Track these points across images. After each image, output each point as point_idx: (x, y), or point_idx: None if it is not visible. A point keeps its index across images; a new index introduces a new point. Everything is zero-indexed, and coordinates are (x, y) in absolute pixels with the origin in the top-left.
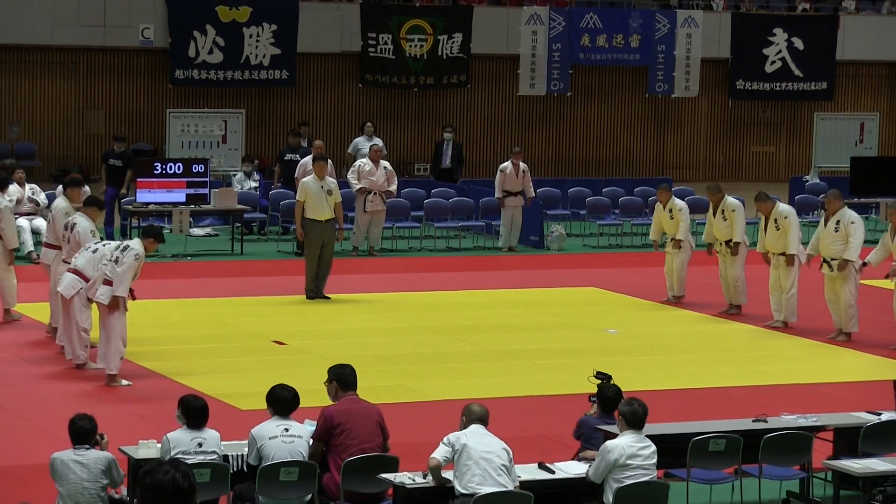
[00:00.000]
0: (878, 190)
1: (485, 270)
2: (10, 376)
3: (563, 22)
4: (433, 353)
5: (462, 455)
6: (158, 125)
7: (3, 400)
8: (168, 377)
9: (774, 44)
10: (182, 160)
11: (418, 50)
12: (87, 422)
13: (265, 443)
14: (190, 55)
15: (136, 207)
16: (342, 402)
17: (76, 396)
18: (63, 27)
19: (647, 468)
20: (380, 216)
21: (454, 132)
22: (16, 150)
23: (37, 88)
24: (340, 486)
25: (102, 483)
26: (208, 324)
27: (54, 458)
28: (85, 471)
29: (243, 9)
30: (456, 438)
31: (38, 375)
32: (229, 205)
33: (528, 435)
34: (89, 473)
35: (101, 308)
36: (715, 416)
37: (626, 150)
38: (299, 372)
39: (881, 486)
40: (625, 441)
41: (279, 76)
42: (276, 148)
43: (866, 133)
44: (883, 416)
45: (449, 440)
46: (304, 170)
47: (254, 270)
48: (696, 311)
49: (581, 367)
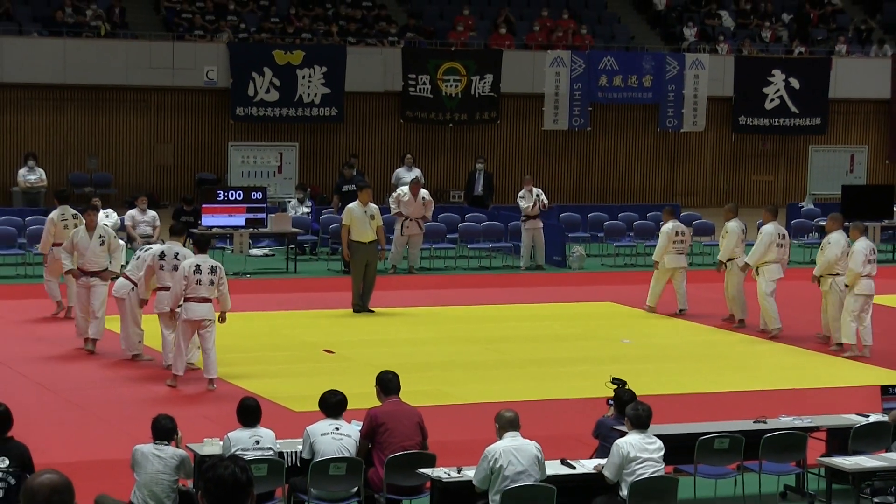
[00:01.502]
0: (867, 215)
1: (513, 287)
2: (90, 380)
3: (584, 64)
4: (467, 361)
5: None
6: (221, 157)
7: (83, 401)
8: (230, 382)
9: (773, 83)
10: (242, 188)
11: (453, 89)
12: (168, 421)
13: (317, 438)
14: (249, 94)
15: (201, 230)
16: (386, 404)
17: (149, 400)
18: (136, 70)
19: (656, 461)
20: (417, 238)
21: (485, 163)
22: (94, 180)
23: (113, 124)
24: (384, 480)
25: (175, 476)
26: (266, 334)
27: (136, 450)
28: (162, 463)
29: (297, 53)
30: (493, 459)
31: (114, 379)
32: (284, 228)
33: (552, 434)
34: (165, 466)
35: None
36: (719, 417)
37: (640, 179)
38: (346, 378)
39: (869, 481)
40: (633, 438)
41: (329, 113)
42: (326, 177)
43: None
44: (871, 417)
45: (486, 460)
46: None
47: (306, 287)
48: (701, 322)
49: (598, 373)
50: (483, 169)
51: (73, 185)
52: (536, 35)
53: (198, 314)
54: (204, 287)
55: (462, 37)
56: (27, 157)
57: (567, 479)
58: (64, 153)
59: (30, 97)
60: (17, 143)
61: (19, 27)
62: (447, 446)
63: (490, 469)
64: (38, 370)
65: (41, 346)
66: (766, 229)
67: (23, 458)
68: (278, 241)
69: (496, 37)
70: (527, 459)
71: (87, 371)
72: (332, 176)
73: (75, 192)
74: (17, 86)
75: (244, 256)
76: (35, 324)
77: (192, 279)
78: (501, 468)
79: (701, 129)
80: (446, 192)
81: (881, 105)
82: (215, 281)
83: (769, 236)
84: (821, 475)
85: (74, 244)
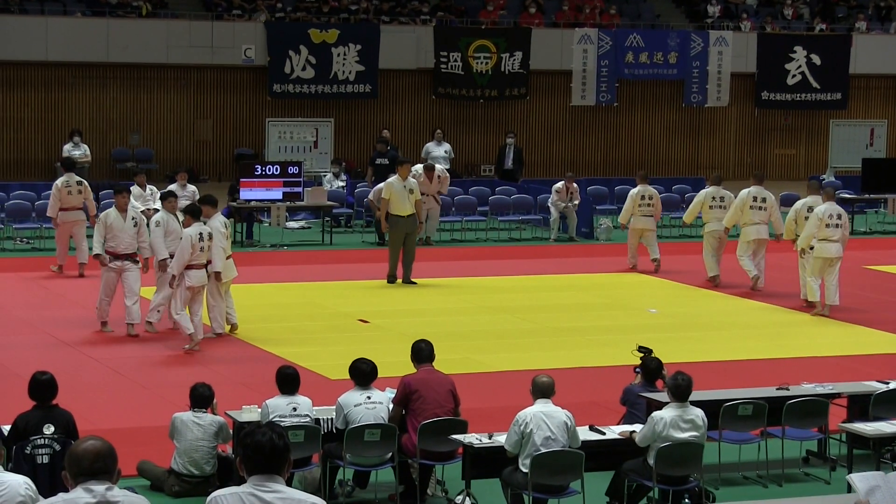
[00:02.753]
0: (886, 187)
1: (542, 258)
2: (128, 348)
3: (610, 41)
4: (498, 330)
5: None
6: (259, 132)
7: (125, 370)
8: (268, 350)
9: (795, 60)
10: (279, 163)
11: (484, 66)
12: (206, 389)
13: (350, 410)
14: (286, 71)
15: (239, 204)
16: (419, 372)
17: (188, 369)
18: (177, 48)
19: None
20: (434, 211)
21: (515, 138)
22: (136, 155)
23: (154, 101)
24: (417, 446)
25: (214, 442)
26: (302, 305)
27: (175, 418)
28: (200, 430)
29: (332, 31)
30: (524, 423)
31: (153, 349)
32: (320, 201)
33: (580, 401)
34: (204, 433)
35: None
36: (743, 384)
37: (665, 154)
38: (381, 347)
39: (889, 446)
40: (668, 413)
41: (363, 90)
42: (361, 152)
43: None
44: (891, 384)
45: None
46: (377, 194)
47: (341, 258)
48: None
49: (626, 342)
50: (513, 143)
51: (115, 160)
52: (565, 13)
53: (199, 280)
54: (204, 254)
55: (492, 15)
56: (72, 133)
57: (595, 444)
58: (107, 129)
59: (74, 75)
60: (62, 119)
61: (64, 8)
62: (479, 413)
63: (521, 434)
64: (80, 339)
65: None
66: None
67: (67, 425)
68: (314, 214)
69: (525, 15)
70: (556, 426)
71: (128, 339)
72: (367, 151)
73: (118, 167)
74: (62, 64)
75: (281, 229)
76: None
77: (197, 247)
78: (531, 433)
79: (725, 105)
80: (477, 167)
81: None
82: (205, 247)
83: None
84: (842, 441)
85: (108, 226)
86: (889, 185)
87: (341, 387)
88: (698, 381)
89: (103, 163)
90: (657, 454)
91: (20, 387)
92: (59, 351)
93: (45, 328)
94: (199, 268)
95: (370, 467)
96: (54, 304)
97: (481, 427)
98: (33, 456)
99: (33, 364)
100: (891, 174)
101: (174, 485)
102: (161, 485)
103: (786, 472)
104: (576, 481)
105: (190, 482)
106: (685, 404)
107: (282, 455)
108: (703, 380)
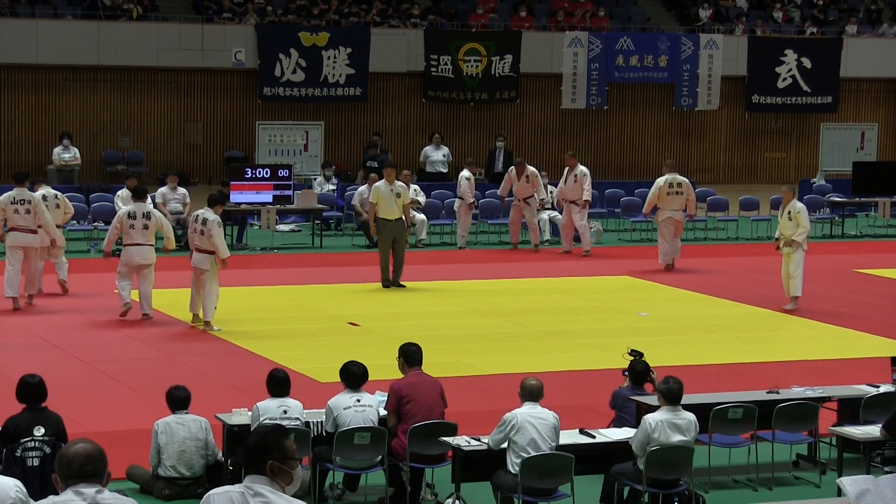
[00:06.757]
0: (877, 191)
1: (531, 262)
2: (120, 351)
3: (601, 45)
4: (487, 333)
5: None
6: (249, 135)
7: (114, 371)
8: (258, 353)
9: (785, 63)
10: (269, 166)
11: (474, 69)
12: (181, 391)
13: (340, 413)
14: (276, 74)
15: (229, 206)
16: (409, 376)
17: (178, 371)
18: (167, 51)
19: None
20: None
21: (505, 141)
22: (126, 157)
23: (144, 104)
24: (407, 449)
25: (202, 439)
26: (292, 308)
27: (158, 424)
28: (185, 430)
29: (322, 34)
30: (511, 426)
31: (145, 350)
32: (310, 204)
33: (570, 404)
34: (189, 431)
35: (198, 270)
36: (733, 388)
37: (656, 156)
38: (371, 350)
39: (879, 450)
40: (661, 416)
41: (353, 93)
42: (351, 155)
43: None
44: (881, 388)
45: (505, 424)
46: (361, 198)
47: (331, 261)
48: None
49: (615, 345)
50: (503, 146)
51: (106, 163)
52: (555, 17)
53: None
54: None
55: (482, 18)
56: (62, 136)
57: (585, 447)
58: (97, 132)
59: (65, 78)
60: (52, 122)
61: (55, 10)
62: (468, 416)
63: (506, 434)
64: (70, 341)
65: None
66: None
67: (57, 427)
68: (304, 217)
69: (516, 18)
70: (544, 428)
71: (118, 342)
72: (357, 154)
73: (108, 169)
74: (52, 67)
75: (271, 232)
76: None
77: (126, 224)
78: (517, 434)
79: (715, 108)
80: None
81: (891, 84)
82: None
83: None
84: (832, 444)
85: (122, 223)
86: (879, 189)
87: (331, 390)
88: (688, 384)
89: (94, 166)
90: (647, 458)
91: (8, 389)
92: (47, 353)
93: (33, 329)
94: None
95: (360, 470)
96: (40, 305)
97: (471, 430)
98: (23, 458)
99: (22, 366)
100: (881, 178)
101: (164, 488)
102: (150, 489)
103: (776, 475)
104: (565, 484)
105: (180, 485)
106: (677, 408)
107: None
108: (694, 383)
